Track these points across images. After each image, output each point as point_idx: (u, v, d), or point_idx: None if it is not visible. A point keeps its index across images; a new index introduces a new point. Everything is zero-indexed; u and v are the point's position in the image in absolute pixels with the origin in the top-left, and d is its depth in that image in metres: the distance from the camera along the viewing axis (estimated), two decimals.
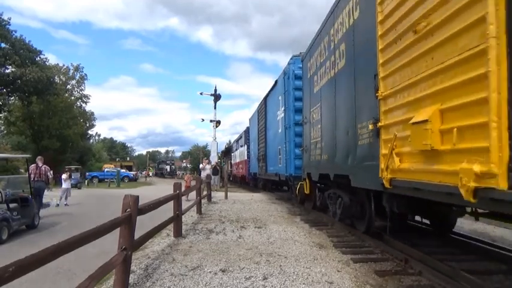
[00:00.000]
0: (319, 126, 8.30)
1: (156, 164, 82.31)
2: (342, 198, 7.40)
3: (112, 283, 4.08)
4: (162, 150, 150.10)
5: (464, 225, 9.08)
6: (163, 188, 23.76)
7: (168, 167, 70.01)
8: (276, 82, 13.70)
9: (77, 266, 5.38)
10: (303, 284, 4.41)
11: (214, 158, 26.92)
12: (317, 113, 8.46)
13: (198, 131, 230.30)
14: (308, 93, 9.42)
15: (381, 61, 4.83)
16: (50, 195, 16.18)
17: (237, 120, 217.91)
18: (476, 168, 2.82)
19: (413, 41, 3.99)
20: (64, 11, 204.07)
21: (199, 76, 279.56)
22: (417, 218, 7.66)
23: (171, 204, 7.08)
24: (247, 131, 23.57)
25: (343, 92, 6.58)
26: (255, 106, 18.84)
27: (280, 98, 12.77)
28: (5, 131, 41.25)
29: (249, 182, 24.34)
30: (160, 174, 68.71)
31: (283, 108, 12.32)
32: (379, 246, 6.17)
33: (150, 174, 65.45)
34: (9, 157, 20.68)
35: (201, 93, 29.53)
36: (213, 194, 16.59)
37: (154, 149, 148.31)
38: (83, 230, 3.12)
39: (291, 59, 11.71)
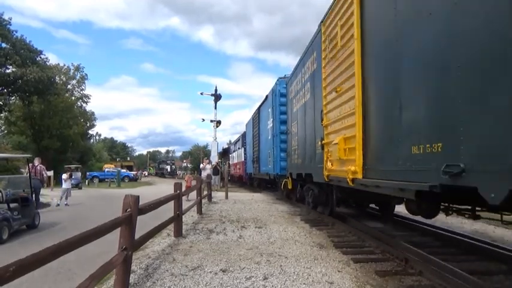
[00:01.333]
0: (296, 137, 10.63)
1: (157, 164, 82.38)
2: (313, 191, 9.56)
3: (112, 283, 4.08)
4: (163, 150, 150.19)
5: (466, 225, 9.08)
6: (164, 187, 23.79)
7: (168, 167, 70.08)
8: (266, 97, 15.90)
9: (77, 266, 5.39)
10: (304, 284, 4.41)
11: (214, 158, 26.94)
12: (295, 128, 10.73)
13: (199, 131, 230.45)
14: (290, 111, 11.72)
15: (324, 103, 7.45)
16: (51, 195, 16.20)
17: (237, 120, 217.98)
18: (352, 168, 5.62)
19: (336, 96, 6.64)
20: (65, 10, 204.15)
21: (200, 76, 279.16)
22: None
23: (171, 204, 7.09)
24: (244, 135, 25.48)
25: (309, 117, 8.97)
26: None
27: (269, 110, 14.90)
28: (6, 131, 41.26)
29: (246, 181, 25.93)
30: (161, 174, 68.77)
31: (271, 119, 14.45)
32: (379, 246, 6.18)
33: (146, 174, 65.40)
34: (9, 157, 20.67)
35: (201, 93, 29.60)
36: (214, 194, 16.60)
37: (154, 149, 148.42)
38: (83, 230, 3.13)
39: (278, 80, 13.88)
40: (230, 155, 34.93)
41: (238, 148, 28.04)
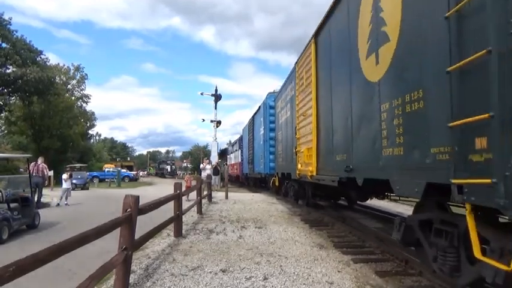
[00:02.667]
0: (281, 144, 13.22)
1: (157, 164, 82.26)
2: (294, 187, 12.16)
3: (112, 283, 4.08)
4: (163, 150, 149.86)
5: None
6: (164, 188, 23.77)
7: (168, 167, 70.06)
8: (259, 107, 18.59)
9: (77, 266, 5.38)
10: (304, 284, 4.42)
11: (214, 158, 26.96)
12: (280, 136, 13.41)
13: (199, 131, 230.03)
14: (277, 122, 14.53)
15: (297, 122, 9.89)
16: (51, 195, 16.21)
17: (238, 120, 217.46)
18: (311, 168, 8.09)
19: (303, 119, 9.18)
20: (66, 10, 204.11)
21: (201, 76, 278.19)
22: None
23: (171, 204, 7.09)
24: (241, 139, 28.12)
25: (289, 129, 11.45)
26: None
27: (261, 119, 17.43)
28: (6, 131, 41.24)
29: (243, 180, 28.45)
30: (161, 174, 68.72)
31: (263, 127, 16.95)
32: (379, 246, 6.18)
33: (141, 174, 64.98)
34: (9, 157, 20.69)
35: (201, 94, 29.57)
36: (214, 194, 16.61)
37: (155, 149, 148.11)
38: (83, 230, 3.13)
39: (268, 94, 16.69)
40: (228, 156, 36.81)
41: (236, 150, 30.91)
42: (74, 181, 26.15)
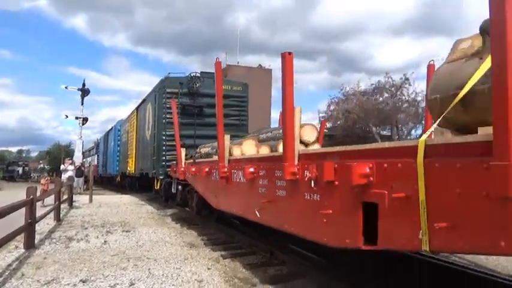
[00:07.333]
0: (122, 155, 20.42)
1: (5, 166, 70.58)
2: (130, 181, 19.65)
3: None
4: (14, 149, 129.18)
5: None
6: (13, 194, 20.61)
7: (20, 169, 60.73)
8: (111, 128, 25.33)
9: None
10: (173, 285, 4.35)
11: (79, 158, 24.78)
12: (122, 149, 20.54)
13: (62, 128, 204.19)
14: (121, 141, 21.26)
15: (129, 144, 17.95)
16: None
17: (109, 116, 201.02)
18: (132, 169, 16.75)
19: (130, 144, 17.91)
20: None
21: (70, 68, 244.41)
22: None
23: (23, 211, 6.17)
24: (98, 145, 35.14)
25: (125, 147, 18.92)
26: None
27: (113, 137, 24.08)
28: None
29: (98, 179, 33.45)
30: (10, 177, 59.11)
31: (113, 142, 23.44)
32: (246, 241, 6.48)
33: None
34: None
35: (66, 87, 26.61)
36: (76, 197, 15.19)
37: (4, 149, 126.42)
38: None
39: (117, 122, 23.66)
40: (84, 159, 40.70)
41: (92, 154, 38.57)
42: None
